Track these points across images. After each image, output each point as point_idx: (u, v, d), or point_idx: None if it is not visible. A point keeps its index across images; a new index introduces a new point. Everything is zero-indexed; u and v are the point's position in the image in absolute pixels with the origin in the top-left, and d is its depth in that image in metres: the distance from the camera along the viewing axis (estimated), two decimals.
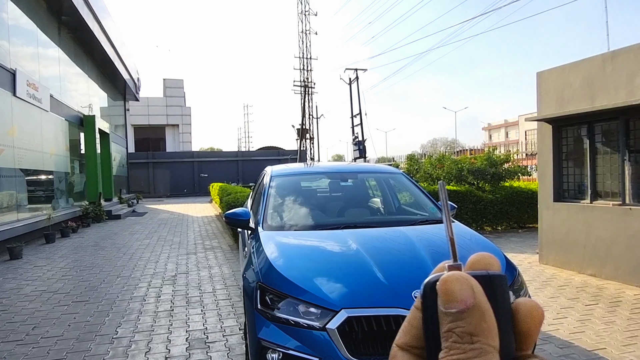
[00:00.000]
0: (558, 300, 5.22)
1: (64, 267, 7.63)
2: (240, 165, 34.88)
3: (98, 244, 10.20)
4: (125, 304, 5.40)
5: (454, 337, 0.28)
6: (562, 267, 6.78)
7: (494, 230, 10.81)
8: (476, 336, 0.27)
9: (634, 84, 5.64)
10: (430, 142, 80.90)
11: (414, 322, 0.31)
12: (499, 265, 0.32)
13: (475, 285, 0.29)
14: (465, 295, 0.28)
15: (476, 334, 0.27)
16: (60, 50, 14.38)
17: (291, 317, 2.64)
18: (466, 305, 0.28)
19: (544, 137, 7.14)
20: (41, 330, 4.58)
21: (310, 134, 33.16)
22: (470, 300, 0.28)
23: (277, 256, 3.14)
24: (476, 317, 0.27)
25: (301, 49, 32.62)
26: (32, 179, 11.56)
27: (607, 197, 6.28)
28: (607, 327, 4.32)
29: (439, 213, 4.14)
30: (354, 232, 3.55)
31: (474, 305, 0.28)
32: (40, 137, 11.82)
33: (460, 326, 0.27)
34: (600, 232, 6.20)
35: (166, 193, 33.05)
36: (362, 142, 29.88)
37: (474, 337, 0.27)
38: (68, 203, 14.22)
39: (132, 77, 23.48)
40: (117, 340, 4.25)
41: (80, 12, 13.59)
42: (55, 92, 13.23)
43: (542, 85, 7.09)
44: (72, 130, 14.88)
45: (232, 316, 4.90)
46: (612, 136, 6.22)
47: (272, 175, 4.68)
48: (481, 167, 11.42)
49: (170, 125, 42.45)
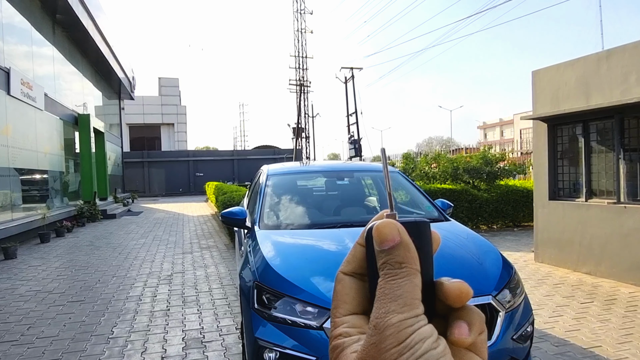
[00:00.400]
0: (553, 299, 5.24)
1: (59, 267, 7.59)
2: (236, 164, 34.82)
3: (93, 243, 10.16)
4: (121, 304, 5.38)
5: (387, 266, 0.37)
6: (558, 265, 6.81)
7: (489, 228, 10.85)
8: (404, 263, 0.37)
9: (629, 82, 5.67)
10: (426, 140, 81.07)
11: (357, 255, 0.41)
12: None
13: (400, 227, 0.38)
14: (393, 235, 0.38)
15: (403, 261, 0.37)
16: (54, 48, 14.29)
17: (288, 317, 2.64)
18: (394, 242, 0.38)
19: (539, 135, 7.17)
20: (36, 330, 4.55)
21: (306, 132, 33.14)
22: (397, 239, 0.38)
23: (274, 255, 3.14)
24: (402, 250, 0.37)
25: (297, 48, 32.59)
26: (27, 179, 11.49)
27: (602, 196, 6.31)
28: (602, 325, 4.34)
29: (435, 212, 4.15)
30: (351, 230, 3.55)
31: (400, 242, 0.38)
32: (35, 136, 11.75)
33: (391, 258, 0.37)
34: (596, 231, 6.23)
35: (161, 192, 32.96)
36: (358, 141, 29.89)
37: (402, 264, 0.37)
38: (63, 202, 14.15)
39: (127, 75, 23.37)
40: (113, 340, 4.24)
41: (74, 11, 13.51)
42: (49, 91, 13.15)
43: (538, 84, 7.12)
44: (66, 129, 14.80)
45: (228, 315, 4.89)
46: (607, 135, 6.26)
47: (269, 174, 4.67)
48: (477, 165, 11.45)
49: (165, 124, 42.33)
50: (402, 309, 0.36)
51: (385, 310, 0.36)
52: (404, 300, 0.36)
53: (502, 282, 2.88)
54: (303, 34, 32.59)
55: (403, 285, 0.36)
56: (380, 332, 0.35)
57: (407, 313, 0.35)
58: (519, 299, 2.92)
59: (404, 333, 0.35)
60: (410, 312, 0.36)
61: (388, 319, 0.35)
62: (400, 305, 0.36)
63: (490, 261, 3.09)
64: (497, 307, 2.70)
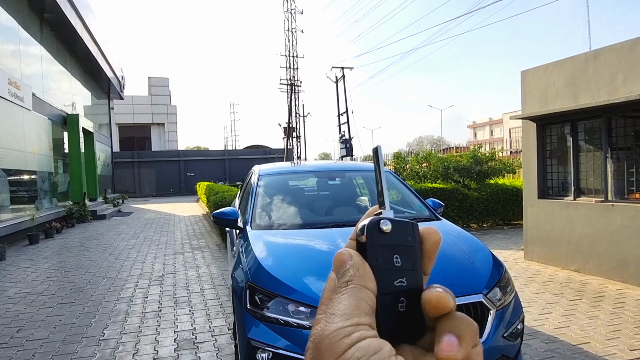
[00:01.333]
0: (543, 296, 5.30)
1: (48, 269, 7.52)
2: (227, 164, 34.71)
3: (83, 244, 10.07)
4: (112, 305, 5.34)
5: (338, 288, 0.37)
6: (547, 263, 6.89)
7: (480, 227, 10.93)
8: (350, 280, 0.36)
9: (616, 82, 5.75)
10: (417, 140, 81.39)
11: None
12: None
13: (352, 252, 0.38)
14: (345, 260, 0.38)
15: (350, 279, 0.36)
16: (42, 48, 14.13)
17: (281, 317, 2.64)
18: (345, 266, 0.37)
19: (529, 135, 7.24)
20: (26, 332, 4.51)
21: (297, 132, 33.09)
22: (349, 262, 0.38)
23: (266, 255, 3.14)
24: (351, 270, 0.37)
25: (287, 47, 32.52)
26: (15, 179, 11.35)
27: (590, 194, 6.39)
28: (591, 322, 4.40)
29: (426, 211, 4.17)
30: (343, 230, 3.56)
31: (351, 265, 0.37)
32: (23, 137, 11.61)
33: (341, 279, 0.37)
34: (584, 229, 6.31)
35: (152, 192, 32.75)
36: (349, 141, 29.93)
37: (348, 282, 0.36)
38: (52, 203, 14.00)
39: (116, 75, 23.18)
40: (104, 342, 4.21)
41: (62, 9, 13.37)
42: (37, 90, 13.00)
43: (526, 84, 7.18)
44: (55, 130, 14.64)
45: (220, 316, 4.88)
46: (595, 134, 6.34)
47: (260, 175, 4.67)
48: (467, 165, 11.53)
49: (155, 124, 42.05)
50: (339, 318, 0.33)
51: (323, 324, 0.34)
52: (344, 311, 0.34)
53: (493, 281, 2.91)
54: (293, 34, 32.54)
55: (345, 299, 0.35)
56: (317, 346, 0.33)
57: (344, 322, 0.33)
58: (509, 297, 2.95)
59: (340, 344, 0.32)
60: (348, 320, 0.33)
61: (323, 331, 0.33)
62: (338, 317, 0.34)
63: (480, 260, 3.12)
64: (488, 306, 2.73)
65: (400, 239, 0.39)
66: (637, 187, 5.78)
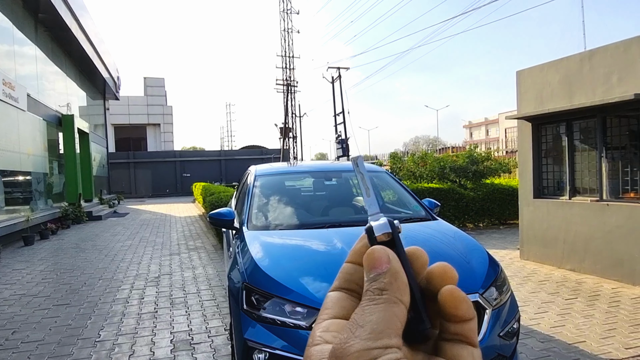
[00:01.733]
0: (539, 295, 5.32)
1: (43, 270, 7.48)
2: (223, 165, 34.65)
3: (78, 245, 10.02)
4: (108, 307, 5.32)
5: (368, 293, 0.33)
6: (543, 262, 6.91)
7: (476, 227, 10.96)
8: (385, 290, 0.33)
9: (611, 82, 5.78)
10: (413, 140, 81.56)
11: (344, 271, 0.39)
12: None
13: (390, 254, 0.35)
14: (382, 262, 0.35)
15: (386, 288, 0.33)
16: (37, 48, 14.06)
17: (277, 317, 2.64)
18: (381, 269, 0.34)
19: (524, 134, 7.26)
20: (21, 334, 4.48)
21: (293, 132, 33.09)
22: (386, 265, 0.34)
23: (263, 256, 3.13)
24: (388, 277, 0.34)
25: (283, 48, 32.52)
26: (9, 180, 11.29)
27: (585, 194, 6.42)
28: (586, 321, 4.42)
29: (422, 211, 4.18)
30: (339, 230, 3.56)
31: (388, 269, 0.34)
32: (17, 138, 11.55)
33: (373, 285, 0.33)
34: (579, 228, 6.34)
35: (148, 193, 32.65)
36: (345, 141, 29.92)
37: (383, 291, 0.33)
38: (47, 204, 13.94)
39: (111, 75, 23.09)
40: (100, 344, 4.19)
41: (57, 10, 13.31)
42: (32, 91, 12.93)
43: (522, 84, 7.21)
44: (50, 130, 14.58)
45: (217, 317, 4.87)
46: (590, 134, 6.37)
47: (256, 175, 4.67)
48: (463, 164, 11.56)
49: (151, 124, 41.91)
50: (368, 335, 0.30)
51: (348, 336, 0.31)
52: (373, 327, 0.31)
53: (489, 280, 2.92)
54: (290, 34, 32.54)
55: (377, 312, 0.32)
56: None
57: (373, 342, 0.30)
58: (505, 296, 2.96)
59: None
60: (378, 341, 0.30)
61: (348, 346, 0.30)
62: (367, 332, 0.30)
63: (477, 259, 3.13)
64: (484, 305, 2.74)
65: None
66: (632, 187, 5.81)
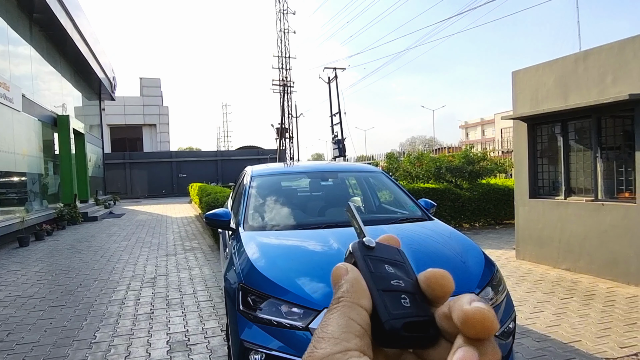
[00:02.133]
0: (534, 295, 5.34)
1: (39, 272, 7.45)
2: (220, 165, 34.59)
3: (74, 246, 9.98)
4: (104, 308, 5.30)
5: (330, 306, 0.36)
6: (538, 262, 6.94)
7: (472, 227, 10.99)
8: (342, 297, 0.36)
9: (605, 83, 5.81)
10: (409, 140, 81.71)
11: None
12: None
13: (349, 267, 0.38)
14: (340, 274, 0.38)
15: (342, 295, 0.36)
16: (32, 48, 14.00)
17: (274, 318, 2.64)
18: (340, 281, 0.37)
19: (520, 135, 7.29)
20: (16, 336, 4.46)
21: (289, 133, 33.06)
22: (344, 276, 0.37)
23: (259, 257, 3.13)
24: (344, 285, 0.36)
25: (280, 48, 32.49)
26: (4, 181, 11.24)
27: (580, 194, 6.45)
28: (582, 320, 4.44)
29: (419, 211, 4.19)
30: (335, 231, 3.56)
31: (345, 280, 0.37)
32: (12, 138, 11.49)
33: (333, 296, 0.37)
34: (574, 228, 6.36)
35: (144, 194, 32.55)
36: (342, 141, 29.95)
37: (340, 298, 0.36)
38: (42, 205, 13.87)
39: (107, 76, 23.02)
40: (96, 345, 4.18)
41: (52, 10, 13.26)
42: (27, 91, 12.87)
43: (517, 84, 7.23)
44: (45, 131, 14.51)
45: (213, 317, 4.86)
46: (585, 134, 6.40)
47: (253, 175, 4.66)
48: (459, 165, 11.59)
49: (147, 124, 41.79)
50: (326, 343, 0.32)
51: (311, 349, 0.33)
52: (332, 334, 0.33)
53: (485, 280, 2.93)
54: (286, 34, 32.52)
55: (334, 320, 0.34)
56: None
57: (332, 347, 0.32)
58: (501, 296, 2.97)
59: None
60: (336, 346, 0.32)
61: (310, 357, 0.32)
62: (325, 341, 0.32)
63: (472, 259, 3.13)
64: None
65: (388, 255, 0.40)
66: (627, 187, 5.84)
